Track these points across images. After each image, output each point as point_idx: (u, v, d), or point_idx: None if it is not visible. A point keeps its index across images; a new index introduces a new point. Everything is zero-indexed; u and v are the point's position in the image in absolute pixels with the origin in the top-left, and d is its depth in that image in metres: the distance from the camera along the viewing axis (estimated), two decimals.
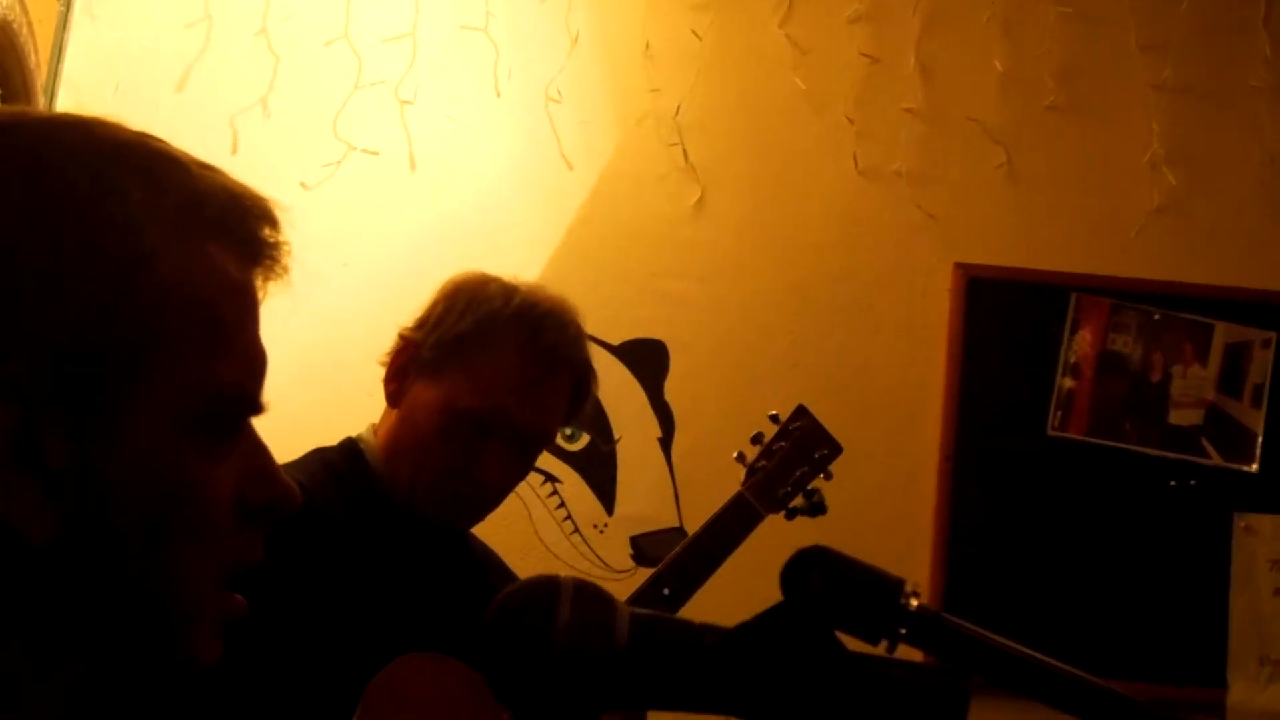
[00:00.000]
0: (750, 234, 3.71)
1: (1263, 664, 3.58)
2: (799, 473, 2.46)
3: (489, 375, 2.18)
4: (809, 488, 2.48)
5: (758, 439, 2.48)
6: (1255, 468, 3.64)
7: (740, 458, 2.46)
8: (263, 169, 3.37)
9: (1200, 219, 3.74)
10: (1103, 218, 3.74)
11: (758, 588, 0.93)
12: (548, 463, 3.54)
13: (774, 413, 2.51)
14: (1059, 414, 3.65)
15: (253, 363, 0.93)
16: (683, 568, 2.31)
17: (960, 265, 3.69)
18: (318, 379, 3.39)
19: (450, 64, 3.68)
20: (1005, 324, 3.68)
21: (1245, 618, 3.60)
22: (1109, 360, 3.67)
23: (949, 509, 3.59)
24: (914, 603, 0.88)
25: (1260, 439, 3.64)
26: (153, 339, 0.86)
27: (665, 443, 3.60)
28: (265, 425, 0.95)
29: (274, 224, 0.95)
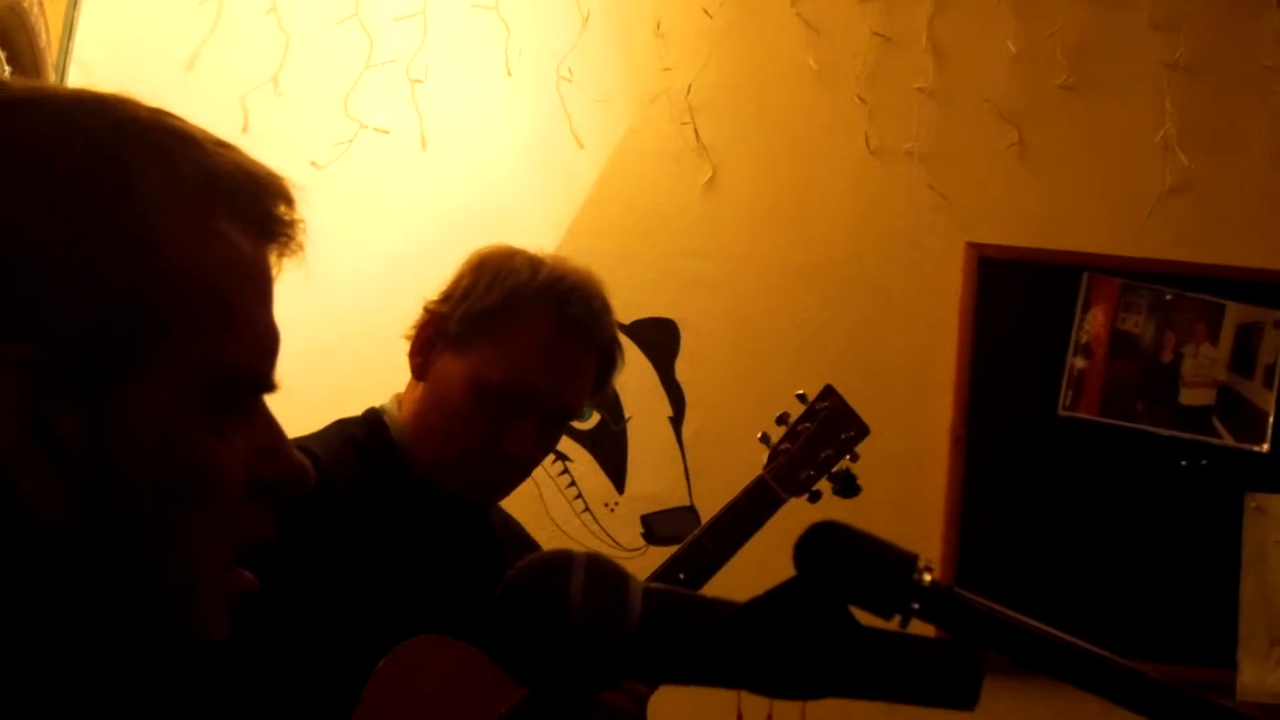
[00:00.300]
0: (761, 214, 3.70)
1: (1273, 644, 3.58)
2: (824, 455, 2.37)
3: (516, 348, 2.17)
4: (834, 470, 2.38)
5: (783, 419, 2.39)
6: (1266, 448, 3.64)
7: (764, 439, 2.38)
8: (273, 148, 3.30)
9: (1212, 199, 3.74)
10: (1115, 197, 3.74)
11: (774, 569, 0.92)
12: (558, 441, 3.53)
13: (801, 392, 2.42)
14: (1070, 394, 3.64)
15: (264, 341, 0.93)
16: (701, 551, 2.25)
17: (972, 245, 3.68)
18: (328, 357, 3.39)
19: (461, 43, 3.67)
20: (1017, 303, 3.68)
21: (1256, 598, 3.60)
22: (1120, 340, 3.67)
23: (960, 488, 3.59)
24: (927, 578, 0.87)
25: (1272, 419, 3.64)
26: (164, 317, 0.86)
27: (676, 421, 3.60)
28: (276, 402, 0.96)
29: (289, 202, 0.95)
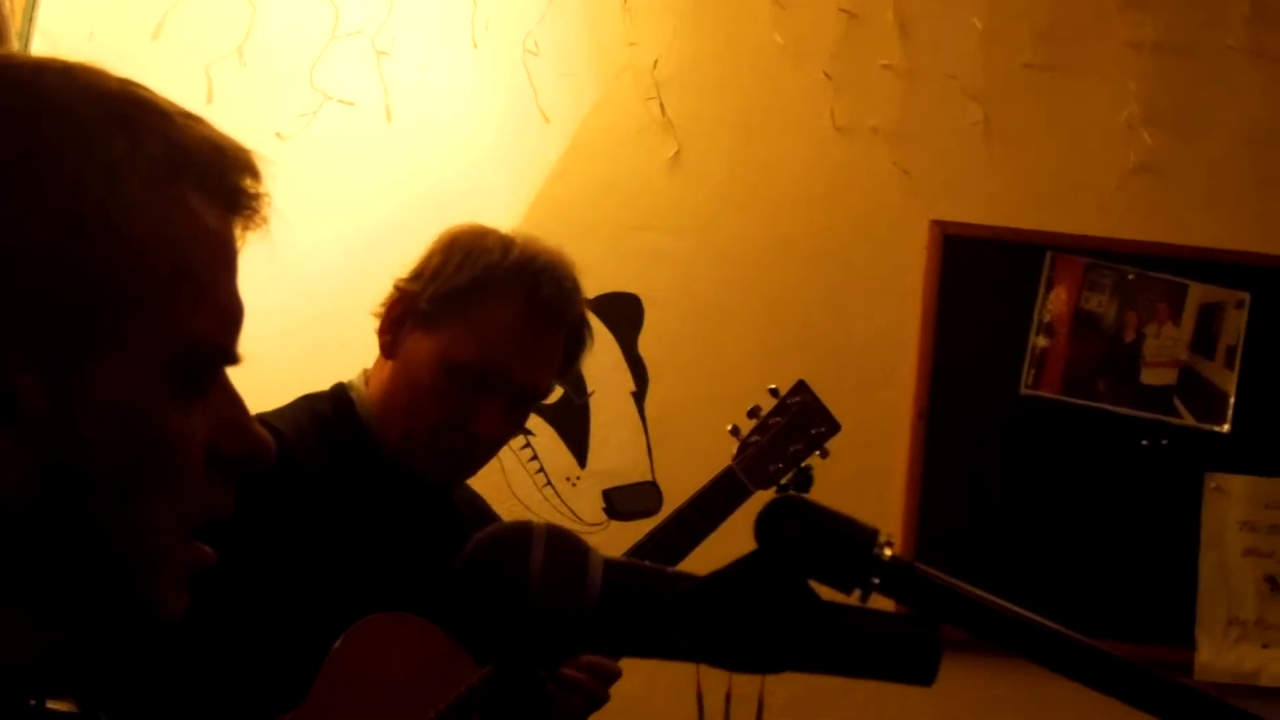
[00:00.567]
0: (726, 189, 3.70)
1: (1231, 624, 3.61)
2: (793, 450, 2.38)
3: (487, 328, 2.17)
4: (802, 465, 2.40)
5: (754, 412, 2.40)
6: (1227, 428, 3.66)
7: (735, 431, 2.39)
8: (238, 118, 3.27)
9: (1177, 179, 3.75)
10: (1079, 177, 3.75)
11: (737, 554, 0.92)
12: (526, 421, 3.53)
13: (773, 386, 2.43)
14: (1032, 372, 3.65)
15: (228, 314, 0.93)
16: (666, 540, 2.26)
17: (936, 222, 3.69)
18: (291, 330, 3.37)
19: (427, 14, 3.65)
20: (980, 281, 3.68)
21: (1214, 577, 3.63)
22: (1083, 319, 3.68)
23: (922, 465, 3.60)
24: (887, 553, 0.87)
25: (1232, 400, 3.66)
26: (129, 288, 0.85)
27: (639, 396, 3.60)
28: (240, 376, 0.95)
29: (255, 175, 0.95)
